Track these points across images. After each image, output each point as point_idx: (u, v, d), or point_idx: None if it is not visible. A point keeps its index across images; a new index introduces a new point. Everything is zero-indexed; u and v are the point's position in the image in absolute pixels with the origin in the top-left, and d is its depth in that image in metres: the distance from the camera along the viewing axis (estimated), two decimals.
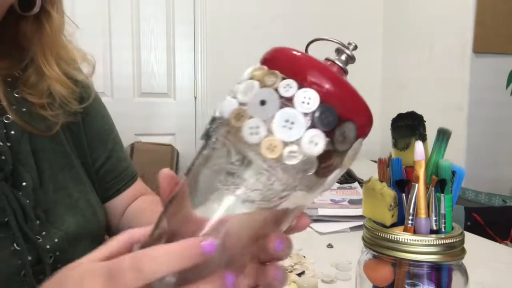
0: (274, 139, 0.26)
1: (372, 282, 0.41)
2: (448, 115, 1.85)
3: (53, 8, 0.55)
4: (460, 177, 0.40)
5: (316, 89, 0.26)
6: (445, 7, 1.93)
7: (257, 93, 0.27)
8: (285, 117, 0.26)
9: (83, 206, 0.57)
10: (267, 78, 0.27)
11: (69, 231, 0.54)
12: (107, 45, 2.12)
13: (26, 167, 0.53)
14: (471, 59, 1.80)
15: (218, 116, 0.28)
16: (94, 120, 0.63)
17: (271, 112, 0.26)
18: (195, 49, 2.25)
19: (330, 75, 0.27)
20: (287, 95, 0.26)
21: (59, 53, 0.57)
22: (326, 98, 0.26)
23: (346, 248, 0.81)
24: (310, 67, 0.27)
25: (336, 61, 0.30)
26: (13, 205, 0.49)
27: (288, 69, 0.27)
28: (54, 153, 0.56)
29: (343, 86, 0.28)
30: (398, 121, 0.43)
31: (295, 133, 0.26)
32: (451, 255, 0.38)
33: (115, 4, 2.14)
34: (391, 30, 2.38)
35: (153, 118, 2.26)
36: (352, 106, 0.28)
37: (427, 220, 0.39)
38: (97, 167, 0.63)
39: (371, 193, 0.41)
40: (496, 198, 1.55)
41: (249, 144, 0.26)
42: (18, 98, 0.54)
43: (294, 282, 0.65)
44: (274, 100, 0.26)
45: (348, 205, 1.04)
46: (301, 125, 0.26)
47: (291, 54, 0.28)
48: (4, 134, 0.52)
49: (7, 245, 0.49)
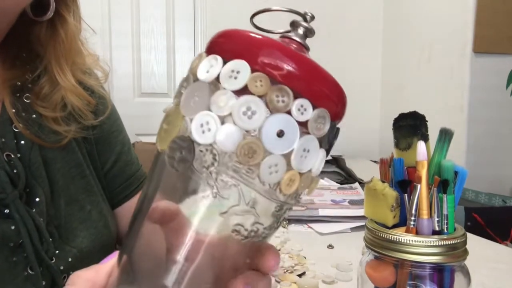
0: (294, 174, 0.23)
1: (374, 283, 0.41)
2: (448, 115, 1.85)
3: (69, 13, 0.52)
4: (462, 178, 0.40)
5: (327, 108, 0.23)
6: (445, 7, 1.92)
7: (272, 122, 0.22)
8: (304, 146, 0.23)
9: (95, 218, 0.55)
10: (276, 98, 0.22)
11: (82, 247, 0.52)
12: (107, 45, 2.12)
13: (38, 180, 0.50)
14: (471, 59, 1.79)
15: (205, 143, 0.22)
16: (104, 125, 0.60)
17: (291, 144, 0.22)
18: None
19: (333, 87, 0.24)
20: (302, 119, 0.23)
21: (74, 61, 0.54)
22: (335, 116, 0.24)
23: (347, 249, 0.81)
24: (313, 74, 0.23)
25: (296, 39, 0.25)
26: (28, 226, 0.46)
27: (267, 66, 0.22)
28: (65, 162, 0.53)
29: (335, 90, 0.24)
30: (400, 121, 0.43)
31: (311, 162, 0.23)
32: (454, 256, 0.38)
33: (115, 4, 2.14)
34: (391, 30, 2.37)
35: (153, 118, 2.25)
36: (339, 104, 0.25)
37: (429, 221, 0.39)
38: (105, 171, 0.60)
39: (372, 194, 0.41)
40: (496, 198, 1.55)
41: (267, 184, 0.23)
42: (27, 104, 0.51)
43: (295, 283, 0.65)
44: (294, 129, 0.22)
45: (348, 206, 1.04)
46: (316, 151, 0.23)
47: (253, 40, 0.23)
48: (15, 145, 0.49)
49: (20, 270, 0.47)
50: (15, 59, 0.52)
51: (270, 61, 0.22)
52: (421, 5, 2.11)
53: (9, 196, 0.46)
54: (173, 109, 0.25)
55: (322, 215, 0.97)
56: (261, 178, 0.22)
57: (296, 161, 0.23)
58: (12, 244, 0.47)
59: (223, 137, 0.22)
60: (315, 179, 0.25)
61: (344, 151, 1.85)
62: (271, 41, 0.23)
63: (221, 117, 0.22)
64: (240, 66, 0.22)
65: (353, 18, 2.38)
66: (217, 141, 0.22)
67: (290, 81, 0.22)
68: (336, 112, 0.24)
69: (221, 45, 0.24)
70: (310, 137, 0.23)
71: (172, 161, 0.23)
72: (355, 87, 2.18)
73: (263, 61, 0.22)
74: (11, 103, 0.50)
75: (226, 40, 0.24)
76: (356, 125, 1.95)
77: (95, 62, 0.59)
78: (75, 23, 0.53)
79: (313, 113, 0.23)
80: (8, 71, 0.51)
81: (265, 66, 0.22)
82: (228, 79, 0.22)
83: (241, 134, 0.22)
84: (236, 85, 0.22)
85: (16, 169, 0.48)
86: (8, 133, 0.49)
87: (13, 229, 0.46)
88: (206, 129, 0.22)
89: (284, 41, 0.26)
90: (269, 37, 0.24)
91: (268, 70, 0.22)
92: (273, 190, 0.23)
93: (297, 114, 0.22)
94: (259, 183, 0.23)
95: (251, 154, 0.22)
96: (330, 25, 2.30)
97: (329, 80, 0.24)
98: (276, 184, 0.23)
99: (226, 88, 0.22)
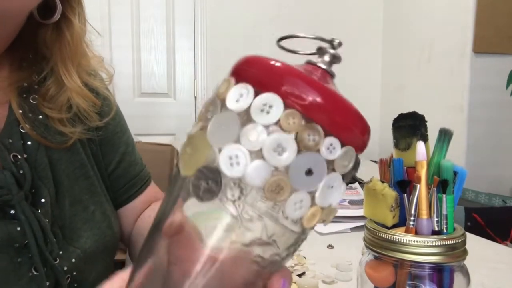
0: (317, 209, 0.23)
1: (373, 283, 0.41)
2: (448, 115, 1.85)
3: (75, 15, 0.52)
4: (462, 178, 0.40)
5: (353, 143, 0.23)
6: (445, 7, 1.93)
7: (301, 161, 0.22)
8: (329, 183, 0.23)
9: (99, 219, 0.55)
10: (307, 137, 0.22)
11: (86, 248, 0.52)
12: (107, 45, 2.12)
13: (44, 181, 0.50)
14: (471, 59, 1.80)
15: (234, 176, 0.22)
16: (109, 126, 0.60)
17: (318, 182, 0.22)
18: (195, 49, 2.25)
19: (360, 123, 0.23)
20: (331, 158, 0.23)
21: (80, 62, 0.54)
22: (358, 149, 0.24)
23: (347, 249, 0.81)
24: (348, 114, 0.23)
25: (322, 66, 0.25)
26: (33, 227, 0.47)
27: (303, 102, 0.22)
28: (70, 163, 0.54)
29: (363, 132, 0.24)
30: (399, 121, 0.43)
31: (334, 197, 0.23)
32: (453, 256, 0.38)
33: (115, 4, 2.14)
34: (391, 30, 2.37)
35: (153, 118, 2.26)
36: (361, 138, 0.25)
37: (429, 221, 0.39)
38: (109, 172, 0.60)
39: (372, 194, 0.41)
40: (496, 198, 1.55)
41: (291, 219, 0.23)
42: (34, 105, 0.51)
43: (295, 283, 0.65)
44: (323, 168, 0.22)
45: (348, 206, 1.04)
46: (340, 186, 0.23)
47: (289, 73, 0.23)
48: (21, 146, 0.49)
49: (25, 271, 0.47)
50: (22, 60, 0.52)
51: (301, 95, 0.22)
52: (421, 5, 2.12)
53: (15, 197, 0.46)
54: (199, 134, 0.24)
55: None
56: (286, 214, 0.22)
57: (321, 198, 0.23)
58: (17, 245, 0.47)
59: (252, 172, 0.22)
60: (334, 211, 0.25)
61: None
62: (302, 74, 0.23)
63: (251, 152, 0.22)
64: (273, 101, 0.22)
65: (353, 18, 2.38)
66: (246, 176, 0.22)
67: (319, 117, 0.22)
68: (361, 146, 0.24)
69: (250, 73, 0.23)
70: (336, 174, 0.23)
71: (198, 190, 0.23)
72: (355, 87, 2.19)
73: (293, 94, 0.22)
74: (18, 104, 0.50)
75: (255, 69, 0.24)
76: None
77: (100, 63, 0.59)
78: (81, 25, 0.53)
79: (341, 151, 0.23)
80: (15, 72, 0.51)
81: (296, 100, 0.22)
82: (260, 113, 0.22)
83: (270, 170, 0.22)
84: (268, 120, 0.22)
85: (23, 170, 0.48)
86: (15, 133, 0.49)
87: (18, 230, 0.46)
88: (235, 162, 0.22)
89: (308, 69, 0.25)
90: (300, 69, 0.23)
91: (299, 104, 0.22)
92: (295, 224, 0.23)
93: (326, 153, 0.22)
94: (283, 218, 0.23)
95: (278, 190, 0.22)
96: (330, 25, 2.30)
97: (356, 114, 0.23)
98: (299, 218, 0.23)
99: (257, 121, 0.22)
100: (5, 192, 0.46)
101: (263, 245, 0.24)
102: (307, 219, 0.23)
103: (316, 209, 0.23)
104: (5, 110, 0.50)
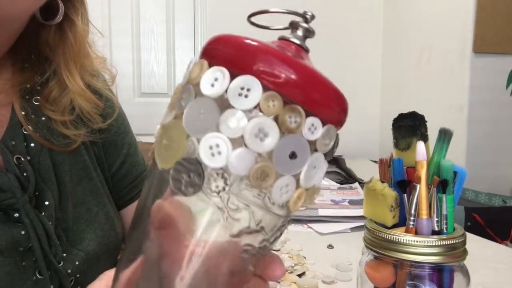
0: (302, 191, 0.23)
1: (373, 283, 0.41)
2: (448, 115, 1.85)
3: (77, 16, 0.52)
4: (461, 178, 0.40)
5: (298, 98, 0.21)
6: (445, 7, 1.92)
7: (284, 145, 0.21)
8: (313, 164, 0.22)
9: (102, 220, 0.55)
10: (288, 119, 0.21)
11: (89, 250, 0.52)
12: (107, 45, 2.12)
13: (48, 183, 0.50)
14: (471, 59, 1.79)
15: (216, 167, 0.21)
16: (112, 127, 0.60)
17: (302, 165, 0.22)
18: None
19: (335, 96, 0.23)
20: (313, 138, 0.22)
21: (83, 64, 0.54)
22: (313, 107, 0.22)
23: (347, 249, 0.81)
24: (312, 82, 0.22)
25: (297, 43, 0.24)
26: (38, 230, 0.46)
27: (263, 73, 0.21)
28: (73, 165, 0.53)
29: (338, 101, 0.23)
30: (399, 121, 0.43)
31: (317, 177, 0.23)
32: (453, 256, 0.38)
33: (116, 4, 2.14)
34: (391, 30, 2.37)
35: (153, 118, 2.25)
36: (337, 109, 0.24)
37: (428, 221, 0.39)
38: (112, 173, 0.60)
39: (372, 194, 0.41)
40: (496, 198, 1.55)
41: (277, 204, 0.23)
42: (37, 106, 0.51)
43: (295, 283, 0.65)
44: (306, 150, 0.22)
45: (348, 206, 1.04)
46: (323, 166, 0.23)
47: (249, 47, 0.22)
48: (24, 147, 0.49)
49: (29, 275, 0.47)
50: (24, 62, 0.52)
51: (276, 73, 0.21)
52: (420, 5, 2.11)
53: (19, 201, 0.46)
54: (174, 123, 0.23)
55: (322, 215, 0.97)
56: (273, 200, 0.22)
57: (305, 179, 0.22)
58: (22, 248, 0.47)
59: (235, 161, 0.20)
60: (317, 190, 0.25)
61: (344, 151, 1.84)
62: (275, 51, 0.22)
63: (232, 139, 0.21)
64: (251, 83, 0.21)
65: (353, 19, 2.38)
66: (229, 165, 0.20)
67: (297, 95, 0.21)
68: (340, 122, 0.24)
69: (222, 54, 0.22)
70: (318, 154, 0.22)
71: (179, 184, 0.21)
72: (355, 87, 2.19)
73: (268, 73, 0.21)
74: (21, 106, 0.50)
75: (227, 48, 0.22)
76: (356, 125, 1.94)
77: (102, 64, 0.59)
78: (83, 26, 0.53)
79: (322, 130, 0.22)
80: (17, 74, 0.51)
81: (271, 78, 0.21)
82: (238, 98, 0.21)
83: (254, 157, 0.21)
84: (248, 105, 0.21)
85: (26, 172, 0.47)
86: (18, 135, 0.49)
87: (23, 234, 0.46)
88: (216, 152, 0.20)
89: (281, 45, 0.24)
90: (273, 46, 0.22)
91: (274, 83, 0.21)
92: (282, 208, 0.23)
93: (309, 134, 0.22)
94: (270, 204, 0.22)
95: (263, 177, 0.21)
96: (330, 25, 2.30)
97: (334, 90, 0.23)
98: (285, 202, 0.23)
99: (236, 107, 0.21)
100: (9, 196, 0.46)
101: (251, 233, 0.23)
102: (293, 202, 0.22)
103: (301, 191, 0.23)
104: (8, 112, 0.50)
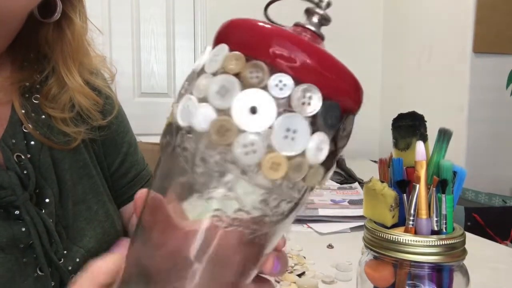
0: (277, 156, 0.21)
1: (373, 283, 0.41)
2: (448, 115, 1.85)
3: (75, 14, 0.52)
4: (461, 178, 0.40)
5: (315, 82, 0.21)
6: (445, 7, 1.92)
7: (242, 98, 0.21)
8: (286, 125, 0.21)
9: (102, 218, 0.55)
10: (249, 74, 0.21)
11: (90, 247, 0.52)
12: (107, 45, 2.12)
13: (48, 181, 0.50)
14: (471, 59, 1.79)
15: (185, 125, 0.22)
16: (111, 125, 0.60)
17: (267, 122, 0.21)
18: (195, 49, 2.25)
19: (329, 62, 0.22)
20: (281, 95, 0.21)
21: (82, 61, 0.54)
22: (331, 93, 0.21)
23: (347, 249, 0.81)
24: (301, 48, 0.21)
25: (309, 27, 0.24)
26: (38, 227, 0.47)
27: (257, 49, 0.21)
28: (73, 163, 0.54)
29: (336, 69, 0.22)
30: (399, 121, 0.43)
31: (300, 144, 0.21)
32: (452, 256, 0.38)
33: (116, 4, 2.14)
34: (391, 30, 2.37)
35: (153, 118, 2.26)
36: (348, 89, 0.23)
37: (428, 221, 0.39)
38: (111, 172, 0.60)
39: (371, 194, 0.41)
40: (496, 198, 1.55)
41: (246, 165, 0.21)
42: (36, 104, 0.51)
43: (295, 283, 0.65)
44: (269, 105, 0.21)
45: (348, 206, 1.04)
46: (306, 132, 0.21)
47: (257, 27, 0.22)
48: (24, 145, 0.49)
49: (30, 271, 0.47)
50: (23, 60, 0.52)
51: (291, 56, 0.21)
52: (421, 5, 2.11)
53: (20, 198, 0.46)
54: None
55: (322, 215, 0.97)
56: (235, 158, 0.21)
57: (278, 141, 0.21)
58: (22, 245, 0.47)
59: (198, 117, 0.21)
60: (319, 170, 0.22)
61: (344, 151, 1.83)
62: (291, 35, 0.22)
63: (199, 98, 0.22)
64: (220, 50, 0.22)
65: (353, 19, 2.38)
66: (194, 122, 0.21)
67: (311, 78, 0.21)
68: (353, 108, 0.23)
69: (237, 38, 0.23)
70: (295, 115, 0.21)
71: (161, 147, 0.24)
72: None
73: (283, 56, 0.21)
74: (21, 104, 0.50)
75: (242, 33, 0.23)
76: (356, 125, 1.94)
77: (102, 62, 0.60)
78: (82, 23, 0.53)
79: (295, 88, 0.21)
80: (17, 72, 0.51)
81: (286, 62, 0.21)
82: (209, 63, 0.22)
83: (215, 113, 0.21)
84: (214, 67, 0.22)
85: (26, 170, 0.48)
86: (18, 133, 0.49)
87: (23, 231, 0.46)
88: (186, 112, 0.22)
89: (296, 30, 0.24)
90: (288, 30, 0.23)
91: (289, 67, 0.21)
92: (255, 174, 0.21)
93: (275, 89, 0.21)
94: (237, 166, 0.21)
95: (223, 132, 0.20)
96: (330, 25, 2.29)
97: (349, 75, 0.22)
98: (256, 166, 0.21)
99: (207, 72, 0.22)
100: (10, 193, 0.46)
101: (222, 197, 0.22)
102: (267, 167, 0.21)
103: (276, 156, 0.21)
104: (7, 110, 0.50)
